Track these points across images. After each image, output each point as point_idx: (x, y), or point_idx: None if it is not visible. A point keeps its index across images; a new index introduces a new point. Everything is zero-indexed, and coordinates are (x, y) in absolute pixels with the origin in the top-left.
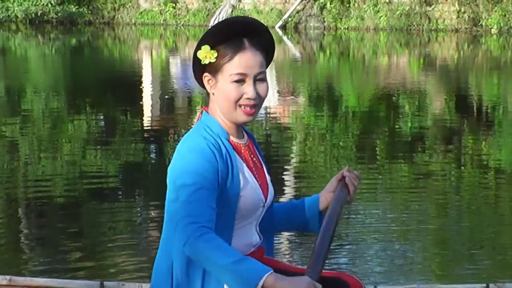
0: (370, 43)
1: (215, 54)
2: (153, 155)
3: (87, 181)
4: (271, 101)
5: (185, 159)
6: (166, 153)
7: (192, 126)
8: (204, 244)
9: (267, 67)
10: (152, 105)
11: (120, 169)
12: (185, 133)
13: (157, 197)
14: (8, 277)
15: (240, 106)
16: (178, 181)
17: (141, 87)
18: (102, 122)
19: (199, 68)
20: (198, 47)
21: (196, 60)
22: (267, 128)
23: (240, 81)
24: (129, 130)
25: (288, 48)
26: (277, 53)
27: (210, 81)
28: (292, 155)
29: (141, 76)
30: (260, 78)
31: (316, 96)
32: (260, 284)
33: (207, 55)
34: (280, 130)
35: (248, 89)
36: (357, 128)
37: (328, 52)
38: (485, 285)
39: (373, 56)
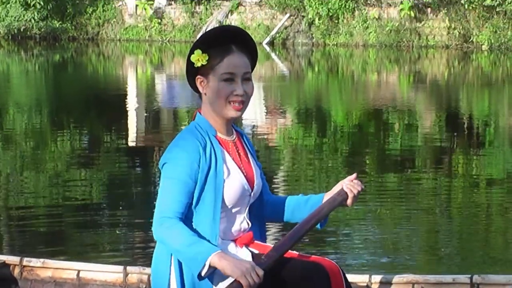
0: (359, 59)
1: (207, 57)
2: (138, 172)
3: (71, 199)
4: (258, 118)
5: (170, 154)
6: (151, 170)
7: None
8: (163, 231)
9: (252, 70)
10: (137, 122)
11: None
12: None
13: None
14: (42, 260)
15: (230, 102)
16: (162, 173)
17: (126, 104)
18: (86, 140)
19: (193, 72)
20: (191, 52)
21: (189, 65)
22: (254, 145)
23: (230, 80)
24: (114, 148)
25: (276, 64)
26: (265, 69)
27: (202, 82)
28: (279, 172)
29: (126, 93)
30: (247, 77)
31: (304, 114)
32: (207, 263)
33: (199, 58)
34: (267, 147)
35: (237, 87)
36: (346, 145)
37: (316, 68)
38: (469, 276)
39: (362, 73)
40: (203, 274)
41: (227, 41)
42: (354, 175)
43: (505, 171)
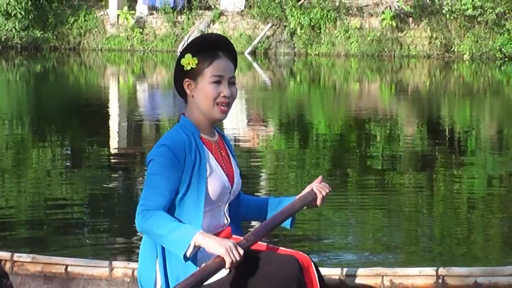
0: (341, 69)
1: (196, 61)
2: (119, 183)
3: (59, 199)
4: (240, 128)
5: (156, 152)
6: (132, 180)
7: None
8: (146, 221)
9: None
10: (119, 132)
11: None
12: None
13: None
14: (31, 255)
15: (217, 104)
16: (148, 169)
17: (107, 114)
18: (68, 151)
19: (181, 75)
20: (181, 56)
21: (178, 68)
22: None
23: (218, 82)
24: (95, 158)
25: (257, 74)
26: (247, 79)
27: (190, 85)
28: (259, 179)
29: (107, 103)
30: (232, 81)
31: (286, 123)
32: (192, 242)
33: (189, 61)
34: (247, 155)
35: (224, 89)
36: (327, 154)
37: (298, 78)
38: (435, 268)
39: (344, 83)
40: (188, 254)
41: (214, 47)
42: (320, 177)
43: (481, 176)
